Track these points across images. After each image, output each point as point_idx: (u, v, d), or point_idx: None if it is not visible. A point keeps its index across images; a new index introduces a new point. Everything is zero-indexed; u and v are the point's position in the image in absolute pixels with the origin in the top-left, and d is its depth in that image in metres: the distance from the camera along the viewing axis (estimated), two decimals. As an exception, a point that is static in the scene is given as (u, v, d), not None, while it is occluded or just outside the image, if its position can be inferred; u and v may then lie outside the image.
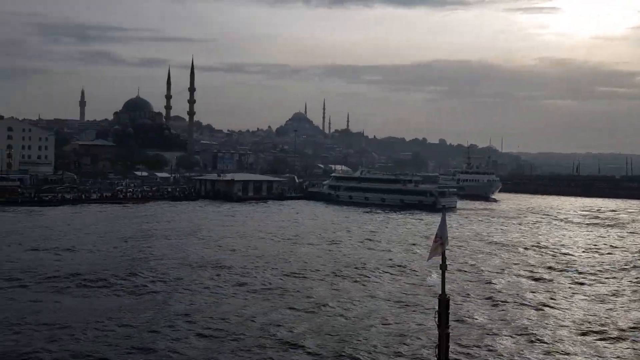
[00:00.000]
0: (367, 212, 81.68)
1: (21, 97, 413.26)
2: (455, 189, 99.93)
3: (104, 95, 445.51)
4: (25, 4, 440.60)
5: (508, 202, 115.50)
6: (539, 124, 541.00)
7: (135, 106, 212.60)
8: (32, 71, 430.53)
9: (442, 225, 12.58)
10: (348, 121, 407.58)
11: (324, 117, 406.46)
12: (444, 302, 12.21)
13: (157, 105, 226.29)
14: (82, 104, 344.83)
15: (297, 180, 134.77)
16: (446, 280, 12.56)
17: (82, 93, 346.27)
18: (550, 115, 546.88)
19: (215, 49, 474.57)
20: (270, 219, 69.07)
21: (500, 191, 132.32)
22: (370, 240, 52.42)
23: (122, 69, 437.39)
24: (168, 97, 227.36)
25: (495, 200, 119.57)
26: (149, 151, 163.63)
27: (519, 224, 70.04)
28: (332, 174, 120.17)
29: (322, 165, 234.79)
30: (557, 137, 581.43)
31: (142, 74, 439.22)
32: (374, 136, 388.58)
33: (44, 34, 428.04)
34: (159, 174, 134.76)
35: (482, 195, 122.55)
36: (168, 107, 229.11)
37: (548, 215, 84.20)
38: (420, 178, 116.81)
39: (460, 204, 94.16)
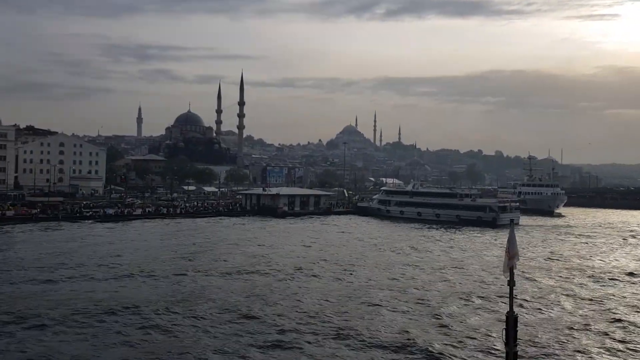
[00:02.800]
0: (421, 229, 75.68)
1: (85, 114, 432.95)
2: (517, 203, 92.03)
3: (160, 112, 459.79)
4: (89, 26, 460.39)
5: (575, 217, 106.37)
6: (601, 135, 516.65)
7: (186, 121, 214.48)
8: (95, 90, 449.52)
9: (512, 240, 12.26)
10: (400, 133, 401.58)
11: (374, 130, 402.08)
12: (511, 319, 11.95)
13: (210, 120, 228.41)
14: (139, 120, 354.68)
15: (346, 194, 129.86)
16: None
17: (139, 110, 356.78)
18: (612, 125, 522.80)
19: (268, 65, 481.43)
20: (307, 238, 63.95)
21: (563, 205, 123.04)
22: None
23: (180, 86, 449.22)
24: (219, 111, 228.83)
25: (560, 215, 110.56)
26: (198, 165, 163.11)
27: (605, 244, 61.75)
28: (382, 188, 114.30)
29: (372, 179, 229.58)
30: (621, 148, 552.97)
31: (198, 91, 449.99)
32: (427, 148, 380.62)
33: (106, 54, 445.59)
34: (207, 188, 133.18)
35: (546, 209, 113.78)
36: (219, 122, 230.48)
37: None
38: (478, 192, 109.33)
39: (522, 219, 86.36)
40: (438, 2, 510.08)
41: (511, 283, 12.21)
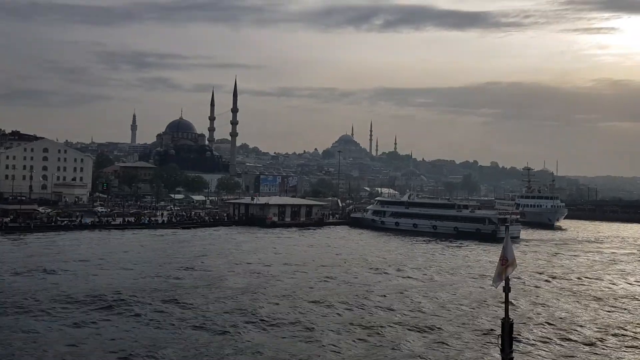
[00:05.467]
0: (414, 243, 71.57)
1: (81, 121, 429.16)
2: (518, 216, 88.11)
3: (157, 120, 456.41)
4: (87, 34, 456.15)
5: (577, 230, 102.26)
6: (597, 147, 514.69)
7: (178, 128, 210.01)
8: (92, 97, 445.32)
9: (507, 246, 12.27)
10: (395, 143, 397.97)
11: (370, 139, 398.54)
12: (507, 325, 11.94)
13: (205, 128, 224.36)
14: (134, 127, 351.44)
15: (340, 204, 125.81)
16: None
17: (134, 117, 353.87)
18: (608, 138, 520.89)
19: (266, 74, 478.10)
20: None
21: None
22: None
23: (178, 95, 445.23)
24: (211, 118, 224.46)
25: (560, 229, 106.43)
26: (189, 173, 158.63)
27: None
28: (377, 198, 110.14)
29: (368, 188, 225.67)
30: (617, 161, 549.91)
31: (195, 99, 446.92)
32: (423, 159, 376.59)
33: (104, 62, 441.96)
34: (195, 197, 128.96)
35: (545, 222, 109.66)
36: (211, 129, 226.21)
37: None
38: (476, 203, 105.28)
39: (521, 233, 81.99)
40: (436, 14, 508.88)
41: (506, 289, 12.24)
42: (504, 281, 12.22)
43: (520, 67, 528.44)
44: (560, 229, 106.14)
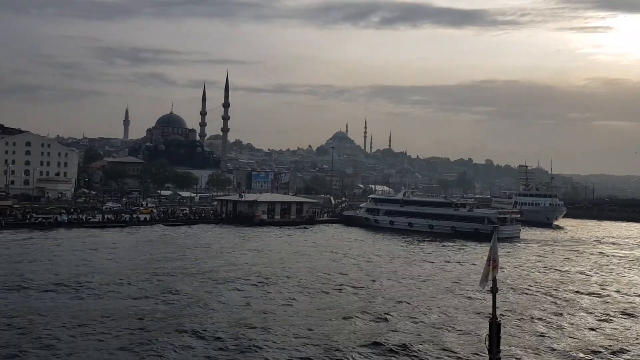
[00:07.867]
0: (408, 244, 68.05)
1: (75, 116, 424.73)
2: (517, 215, 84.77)
3: (150, 115, 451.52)
4: (83, 28, 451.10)
5: (577, 229, 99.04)
6: (591, 146, 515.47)
7: (168, 122, 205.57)
8: (86, 92, 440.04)
9: (494, 247, 12.28)
10: (390, 140, 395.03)
11: (365, 136, 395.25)
12: (495, 325, 11.96)
13: (197, 124, 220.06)
14: (126, 123, 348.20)
15: (333, 202, 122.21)
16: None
17: (127, 112, 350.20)
18: (602, 137, 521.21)
19: (262, 71, 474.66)
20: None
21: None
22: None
23: (173, 90, 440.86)
24: (203, 113, 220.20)
25: (559, 227, 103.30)
26: (179, 169, 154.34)
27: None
28: (370, 196, 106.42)
29: (361, 185, 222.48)
30: (610, 159, 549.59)
31: (191, 95, 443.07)
32: (417, 156, 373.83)
33: (100, 57, 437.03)
34: (183, 194, 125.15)
35: (543, 221, 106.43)
36: (203, 124, 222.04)
37: None
38: (474, 201, 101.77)
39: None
40: (433, 11, 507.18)
41: (494, 290, 12.23)
42: (491, 282, 12.16)
43: (516, 65, 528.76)
44: (558, 228, 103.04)
